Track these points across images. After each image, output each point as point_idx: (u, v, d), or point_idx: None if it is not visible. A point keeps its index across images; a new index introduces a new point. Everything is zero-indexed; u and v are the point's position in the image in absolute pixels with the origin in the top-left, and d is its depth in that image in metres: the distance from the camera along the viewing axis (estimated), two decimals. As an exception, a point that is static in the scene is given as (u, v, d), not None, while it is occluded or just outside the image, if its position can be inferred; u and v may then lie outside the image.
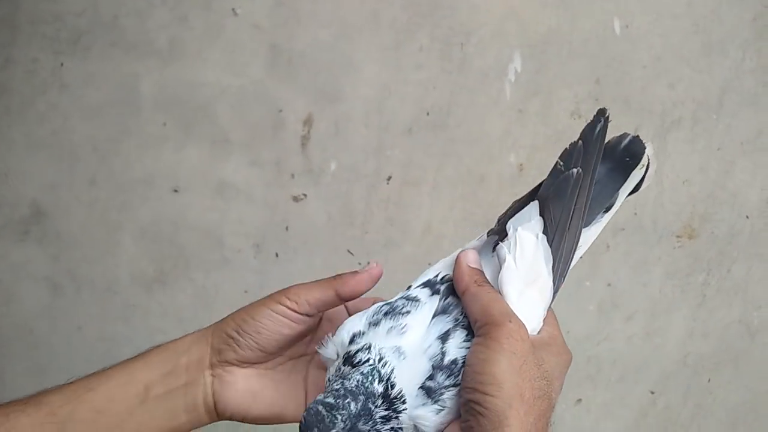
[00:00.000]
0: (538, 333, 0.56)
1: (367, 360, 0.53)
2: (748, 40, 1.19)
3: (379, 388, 0.52)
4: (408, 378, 0.52)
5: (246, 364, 0.59)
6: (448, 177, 1.19)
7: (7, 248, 1.12)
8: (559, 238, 0.57)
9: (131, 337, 1.18)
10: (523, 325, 0.52)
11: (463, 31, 1.12)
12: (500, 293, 0.55)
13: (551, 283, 0.57)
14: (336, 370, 0.54)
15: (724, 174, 1.28)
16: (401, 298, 0.56)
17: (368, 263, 0.58)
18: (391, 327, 0.54)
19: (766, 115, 1.23)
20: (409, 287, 0.58)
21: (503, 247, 0.56)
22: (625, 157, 0.63)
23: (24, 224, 1.11)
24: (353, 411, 0.51)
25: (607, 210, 0.63)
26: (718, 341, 1.41)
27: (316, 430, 0.50)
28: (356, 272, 0.58)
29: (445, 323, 0.54)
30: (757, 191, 1.29)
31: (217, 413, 0.59)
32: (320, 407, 0.50)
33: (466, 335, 0.53)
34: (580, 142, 0.61)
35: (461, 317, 0.55)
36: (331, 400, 0.50)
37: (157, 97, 1.09)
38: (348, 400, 0.51)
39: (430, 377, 0.52)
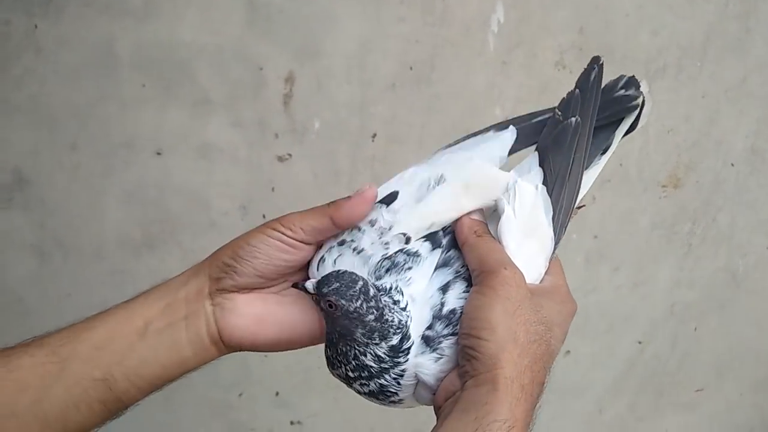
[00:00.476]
0: (541, 281, 0.56)
1: (399, 303, 0.54)
2: (732, -15, 1.17)
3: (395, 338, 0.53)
4: (413, 326, 0.53)
5: (246, 290, 0.58)
6: (433, 133, 1.17)
7: (-9, 216, 1.10)
8: (559, 188, 0.57)
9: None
10: (519, 271, 0.52)
11: (443, -19, 1.10)
12: (500, 243, 0.55)
13: (552, 234, 0.56)
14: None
15: (709, 122, 1.27)
16: (401, 252, 0.56)
17: (360, 186, 0.57)
18: (396, 280, 0.55)
19: (750, 61, 1.22)
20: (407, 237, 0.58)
21: (502, 198, 0.56)
22: (621, 97, 0.63)
23: (7, 191, 1.09)
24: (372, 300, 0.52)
25: (605, 152, 0.63)
26: (704, 289, 1.42)
27: (336, 283, 0.51)
28: (350, 197, 0.57)
29: (446, 275, 0.55)
30: (741, 138, 1.29)
31: (224, 343, 0.58)
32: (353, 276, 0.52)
33: (466, 286, 0.54)
34: (577, 90, 0.61)
35: (462, 269, 0.55)
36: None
37: (134, 57, 1.06)
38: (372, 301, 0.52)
39: (429, 327, 0.52)
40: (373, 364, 0.53)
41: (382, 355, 0.52)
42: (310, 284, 0.53)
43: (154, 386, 0.57)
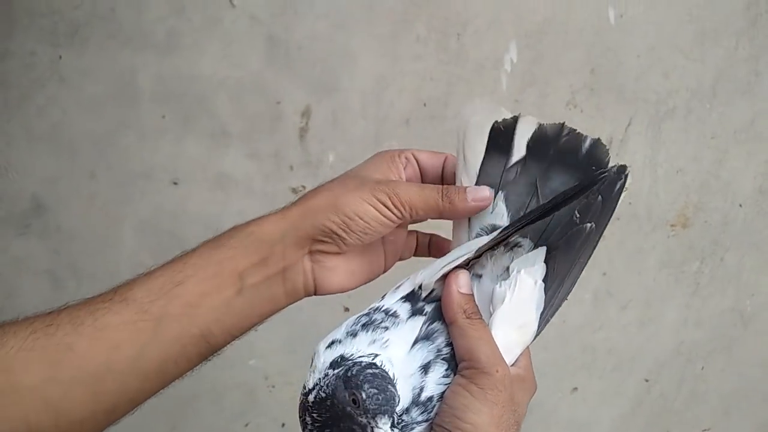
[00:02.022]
0: (514, 365, 0.54)
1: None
2: (741, 29, 1.17)
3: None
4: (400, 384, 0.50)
5: (343, 254, 0.57)
6: (445, 168, 1.16)
7: (8, 242, 1.09)
8: (556, 288, 0.56)
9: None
10: (509, 372, 0.51)
11: (460, 21, 1.10)
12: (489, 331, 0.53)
13: (536, 328, 0.55)
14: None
15: (718, 163, 1.26)
16: (377, 310, 0.54)
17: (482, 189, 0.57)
18: (373, 340, 0.51)
19: (759, 103, 1.21)
20: (383, 297, 0.55)
21: (503, 286, 0.54)
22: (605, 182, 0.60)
23: (24, 218, 1.09)
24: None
25: None
26: (712, 329, 1.39)
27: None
28: (466, 195, 0.56)
29: (427, 352, 0.52)
30: (750, 180, 1.28)
31: (315, 293, 0.58)
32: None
33: (446, 369, 0.51)
34: (600, 197, 0.57)
35: (445, 348, 0.52)
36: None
37: (155, 89, 1.06)
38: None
39: (406, 411, 0.49)
40: None
41: None
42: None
43: (247, 332, 0.56)
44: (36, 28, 1.00)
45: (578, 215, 0.57)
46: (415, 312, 0.54)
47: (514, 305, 0.54)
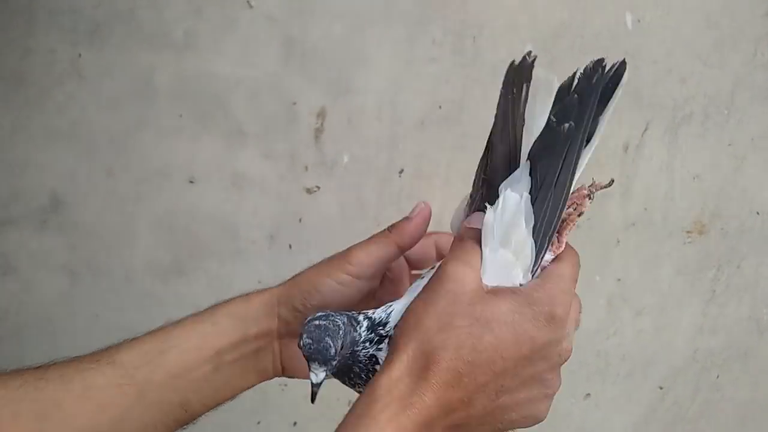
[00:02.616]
0: (529, 282, 0.52)
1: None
2: (760, 36, 1.15)
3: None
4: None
5: None
6: (459, 171, 1.16)
7: (26, 237, 1.10)
8: (543, 196, 0.54)
9: (148, 326, 1.14)
10: (467, 269, 0.50)
11: (476, 24, 1.09)
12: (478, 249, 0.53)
13: (531, 243, 0.53)
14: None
15: (735, 170, 1.24)
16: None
17: (415, 206, 0.56)
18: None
19: (777, 110, 1.20)
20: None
21: (489, 208, 0.54)
22: (606, 83, 0.61)
23: (42, 213, 1.10)
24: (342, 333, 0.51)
25: (589, 140, 0.59)
26: (727, 337, 1.37)
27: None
28: (409, 219, 0.58)
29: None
30: (767, 187, 1.26)
31: (283, 374, 0.60)
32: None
33: None
34: (576, 95, 0.58)
35: None
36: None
37: (173, 88, 1.07)
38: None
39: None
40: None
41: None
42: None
43: (223, 404, 0.59)
44: (56, 27, 1.01)
45: (554, 119, 0.57)
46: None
47: (499, 221, 0.53)
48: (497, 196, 0.55)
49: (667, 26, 1.13)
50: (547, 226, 0.54)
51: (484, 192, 0.58)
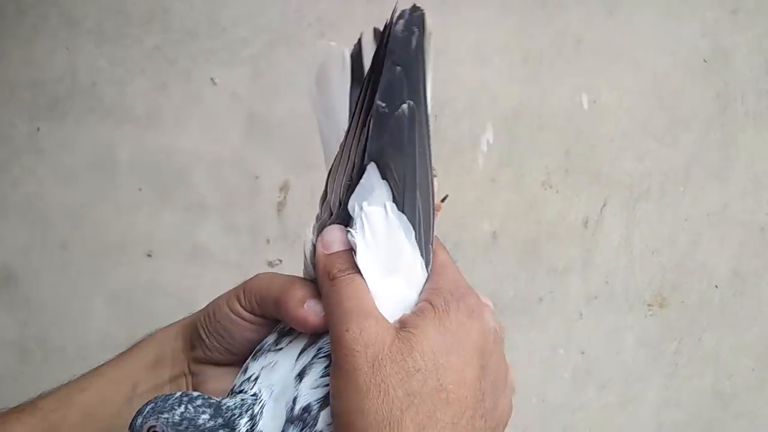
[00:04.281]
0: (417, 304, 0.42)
1: (245, 391, 0.42)
2: (711, 116, 1.19)
3: (244, 425, 0.41)
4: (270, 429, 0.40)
5: (220, 365, 0.50)
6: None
7: (-25, 313, 1.06)
8: (411, 198, 0.44)
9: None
10: (371, 322, 0.38)
11: (437, 103, 1.11)
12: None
13: (420, 259, 0.44)
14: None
15: (693, 244, 1.25)
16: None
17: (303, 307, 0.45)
18: (261, 367, 0.44)
19: (731, 187, 1.22)
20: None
21: (351, 233, 0.43)
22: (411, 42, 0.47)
23: (-7, 288, 1.06)
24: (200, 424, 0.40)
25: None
26: (692, 410, 1.36)
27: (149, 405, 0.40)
28: (293, 311, 0.44)
29: (308, 356, 0.42)
30: (725, 262, 1.27)
31: None
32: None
33: (325, 367, 0.41)
34: (398, 68, 0.45)
35: (327, 344, 0.42)
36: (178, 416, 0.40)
37: (133, 163, 1.05)
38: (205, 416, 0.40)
39: None
40: None
41: None
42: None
43: None
44: (16, 101, 1.00)
45: (383, 105, 0.45)
46: None
47: (373, 245, 0.42)
48: (349, 217, 0.43)
49: (622, 107, 1.16)
50: (426, 233, 0.44)
51: (333, 214, 0.45)
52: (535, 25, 1.13)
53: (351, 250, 0.43)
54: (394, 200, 0.43)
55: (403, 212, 0.43)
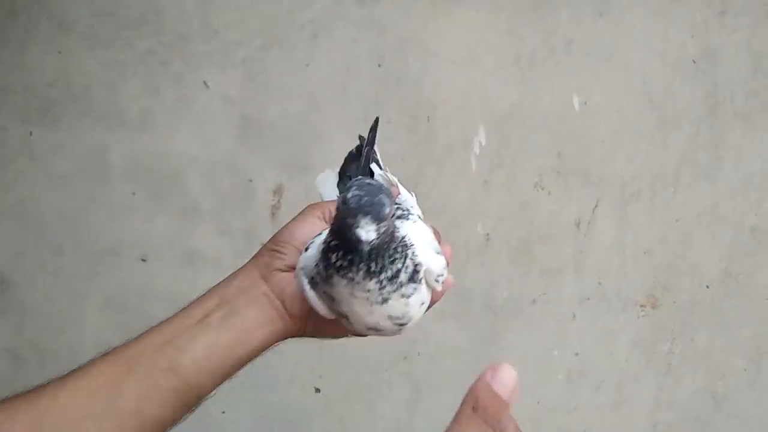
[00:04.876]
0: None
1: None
2: (701, 117, 1.19)
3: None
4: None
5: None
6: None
7: (-32, 318, 1.05)
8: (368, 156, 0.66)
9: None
10: None
11: (429, 105, 1.11)
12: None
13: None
14: None
15: (684, 245, 1.26)
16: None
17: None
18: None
19: (721, 187, 1.22)
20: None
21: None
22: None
23: (-14, 294, 1.05)
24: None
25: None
26: (685, 410, 1.36)
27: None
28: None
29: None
30: (715, 262, 1.27)
31: (288, 313, 0.56)
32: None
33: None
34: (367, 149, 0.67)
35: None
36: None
37: (127, 166, 1.04)
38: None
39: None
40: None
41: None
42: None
43: (222, 369, 0.54)
44: (8, 105, 0.99)
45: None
46: None
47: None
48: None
49: (613, 108, 1.17)
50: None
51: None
52: (526, 27, 1.13)
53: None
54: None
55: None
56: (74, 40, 1.03)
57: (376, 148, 0.69)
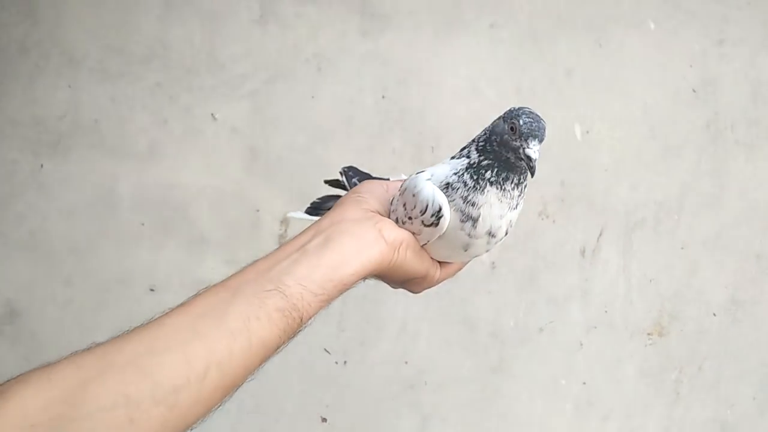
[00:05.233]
0: None
1: None
2: (702, 145, 1.20)
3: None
4: None
5: None
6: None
7: (-23, 349, 1.06)
8: None
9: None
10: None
11: (434, 135, 1.12)
12: None
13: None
14: None
15: (689, 273, 1.25)
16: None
17: None
18: None
19: (724, 215, 1.22)
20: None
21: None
22: None
23: (-4, 324, 1.05)
24: None
25: None
26: (695, 440, 1.34)
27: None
28: None
29: None
30: (721, 289, 1.27)
31: (385, 241, 0.59)
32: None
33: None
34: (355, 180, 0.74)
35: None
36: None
37: (135, 198, 1.06)
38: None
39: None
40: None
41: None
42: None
43: (324, 290, 0.55)
44: (19, 138, 1.00)
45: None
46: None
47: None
48: None
49: (615, 137, 1.17)
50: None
51: None
52: (526, 58, 1.14)
53: None
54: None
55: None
56: (84, 75, 1.05)
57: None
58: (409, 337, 1.16)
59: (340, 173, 0.76)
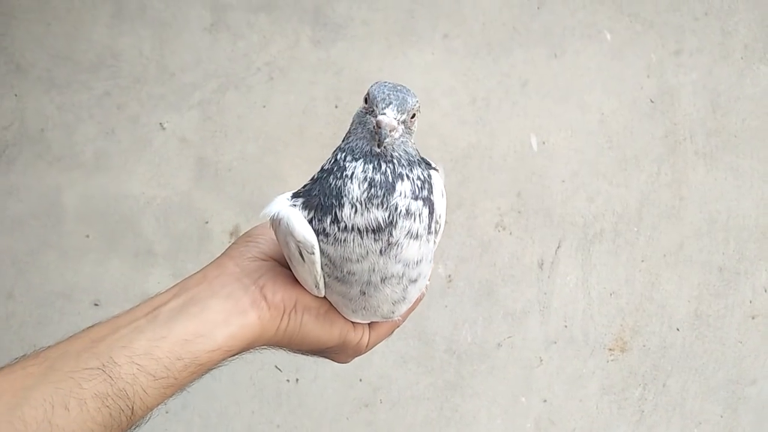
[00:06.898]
0: None
1: None
2: (661, 155, 1.20)
3: None
4: None
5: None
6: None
7: None
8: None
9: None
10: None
11: (387, 145, 1.11)
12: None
13: None
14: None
15: (651, 286, 1.24)
16: None
17: None
18: None
19: (685, 227, 1.21)
20: None
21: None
22: None
23: (-67, 340, 1.03)
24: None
25: None
26: (662, 460, 1.32)
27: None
28: None
29: None
30: (684, 303, 1.26)
31: (268, 304, 0.48)
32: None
33: None
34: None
35: None
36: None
37: (81, 209, 1.04)
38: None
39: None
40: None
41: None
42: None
43: (169, 373, 0.41)
44: (-40, 147, 0.99)
45: None
46: None
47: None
48: None
49: (571, 148, 1.17)
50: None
51: None
52: (480, 69, 1.14)
53: None
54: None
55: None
56: (31, 83, 1.04)
57: None
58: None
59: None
